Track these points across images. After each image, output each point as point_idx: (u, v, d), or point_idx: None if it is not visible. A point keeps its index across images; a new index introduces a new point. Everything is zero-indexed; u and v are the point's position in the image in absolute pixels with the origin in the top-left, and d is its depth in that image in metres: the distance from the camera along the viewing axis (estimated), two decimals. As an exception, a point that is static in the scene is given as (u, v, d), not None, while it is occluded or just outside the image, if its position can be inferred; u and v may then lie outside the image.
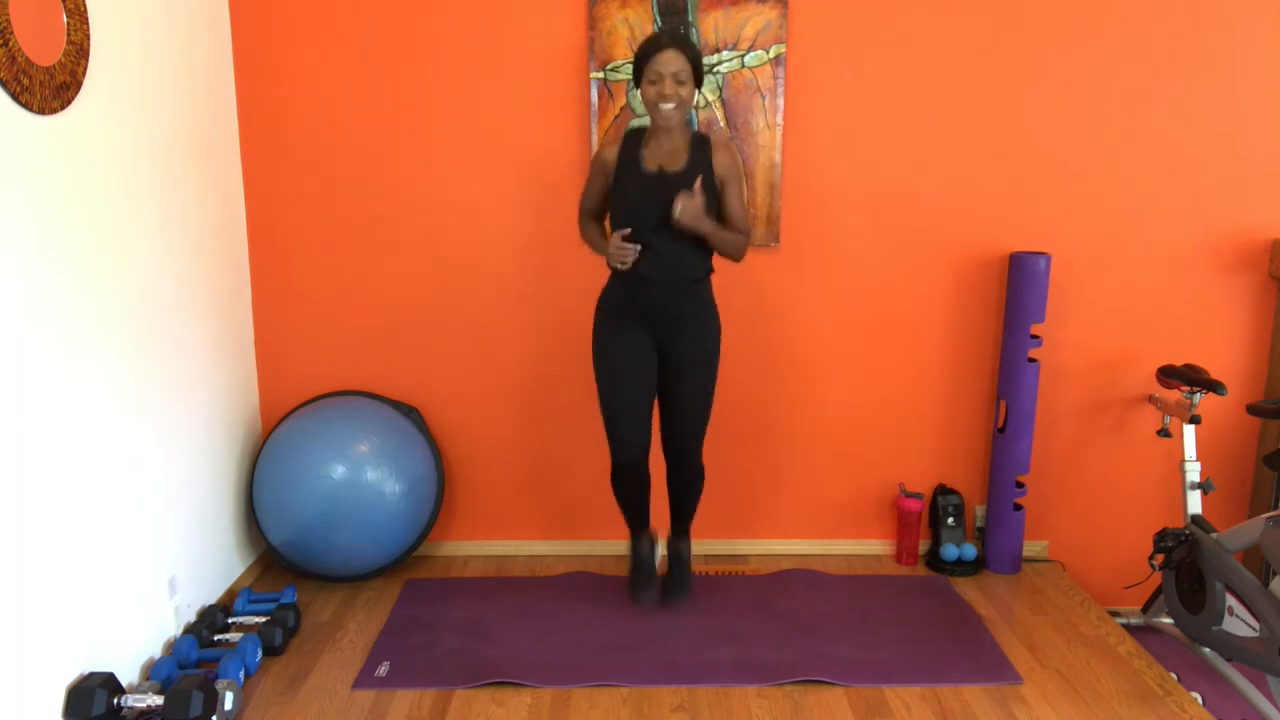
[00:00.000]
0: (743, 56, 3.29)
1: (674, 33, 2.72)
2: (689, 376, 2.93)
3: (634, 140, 2.85)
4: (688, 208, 2.66)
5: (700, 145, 2.82)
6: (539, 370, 3.52)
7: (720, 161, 2.81)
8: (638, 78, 2.74)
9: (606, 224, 2.99)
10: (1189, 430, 3.23)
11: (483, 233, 3.43)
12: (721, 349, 3.34)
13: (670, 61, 2.66)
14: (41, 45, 2.22)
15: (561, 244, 3.41)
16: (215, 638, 2.89)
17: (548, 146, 3.36)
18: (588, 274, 3.37)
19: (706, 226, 2.74)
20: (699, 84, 2.74)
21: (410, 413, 3.45)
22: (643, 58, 2.71)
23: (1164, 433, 3.38)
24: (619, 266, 2.78)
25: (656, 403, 3.02)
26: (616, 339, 2.91)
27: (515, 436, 3.58)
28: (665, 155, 2.79)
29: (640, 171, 2.78)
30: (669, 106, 2.68)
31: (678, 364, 2.92)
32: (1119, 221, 3.44)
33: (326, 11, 3.28)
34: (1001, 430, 3.46)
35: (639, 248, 2.75)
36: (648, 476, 3.08)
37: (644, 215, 2.75)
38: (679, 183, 2.74)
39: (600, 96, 3.31)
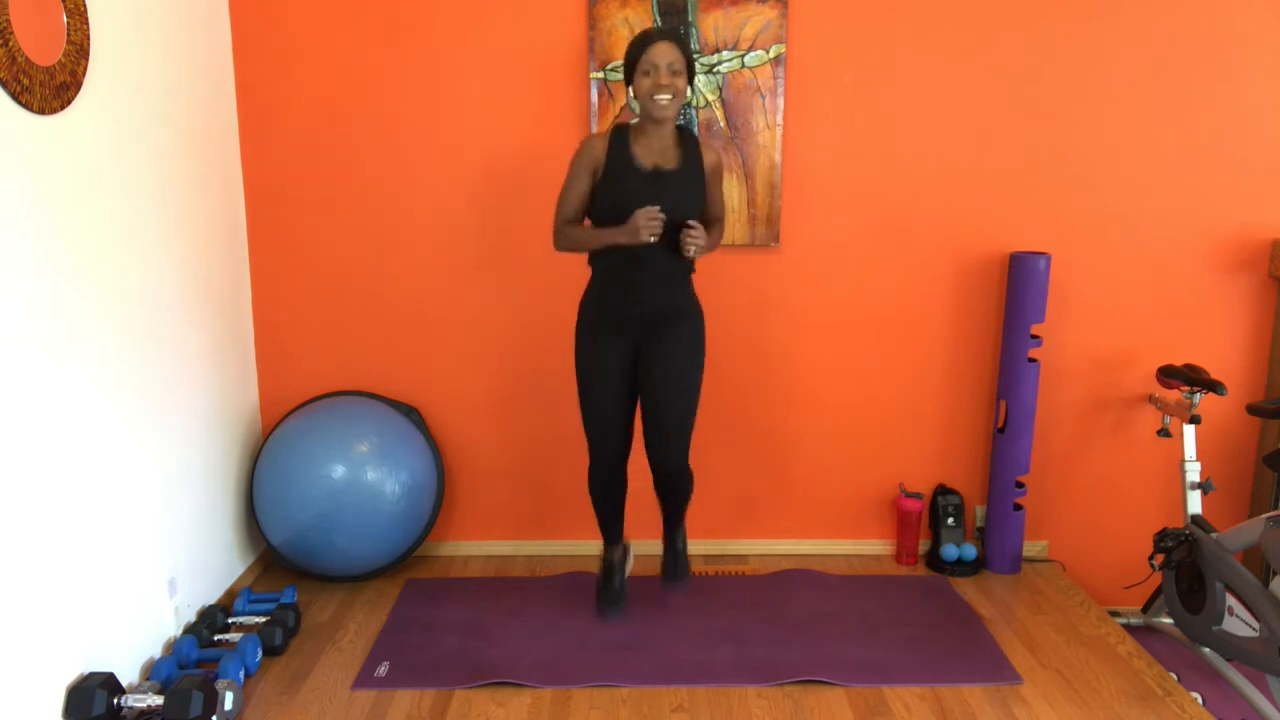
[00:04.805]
0: (743, 56, 3.29)
1: (666, 28, 2.71)
2: (674, 378, 2.85)
3: (622, 136, 2.78)
4: (698, 244, 2.67)
5: (689, 141, 2.81)
6: (539, 370, 3.52)
7: (708, 159, 2.84)
8: (630, 73, 2.70)
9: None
10: (1189, 430, 3.23)
11: (483, 232, 3.43)
12: (721, 350, 3.35)
13: (665, 53, 2.63)
14: (41, 45, 2.22)
15: (561, 244, 3.42)
16: (215, 638, 2.89)
17: (548, 147, 3.36)
18: (588, 274, 3.37)
19: (707, 246, 2.77)
20: (691, 80, 2.71)
21: (410, 413, 3.45)
22: (636, 50, 2.67)
23: (1164, 433, 3.38)
24: (649, 239, 2.65)
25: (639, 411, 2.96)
26: (597, 349, 2.86)
27: (515, 436, 3.58)
28: (658, 152, 2.76)
29: (635, 168, 2.73)
30: (665, 98, 2.64)
31: (662, 366, 2.84)
32: (1119, 221, 3.44)
33: (326, 12, 3.28)
34: (1001, 430, 3.46)
35: (664, 217, 2.67)
36: (625, 479, 3.06)
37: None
38: (674, 181, 2.74)
39: (600, 96, 3.31)
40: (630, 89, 2.72)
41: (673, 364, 2.85)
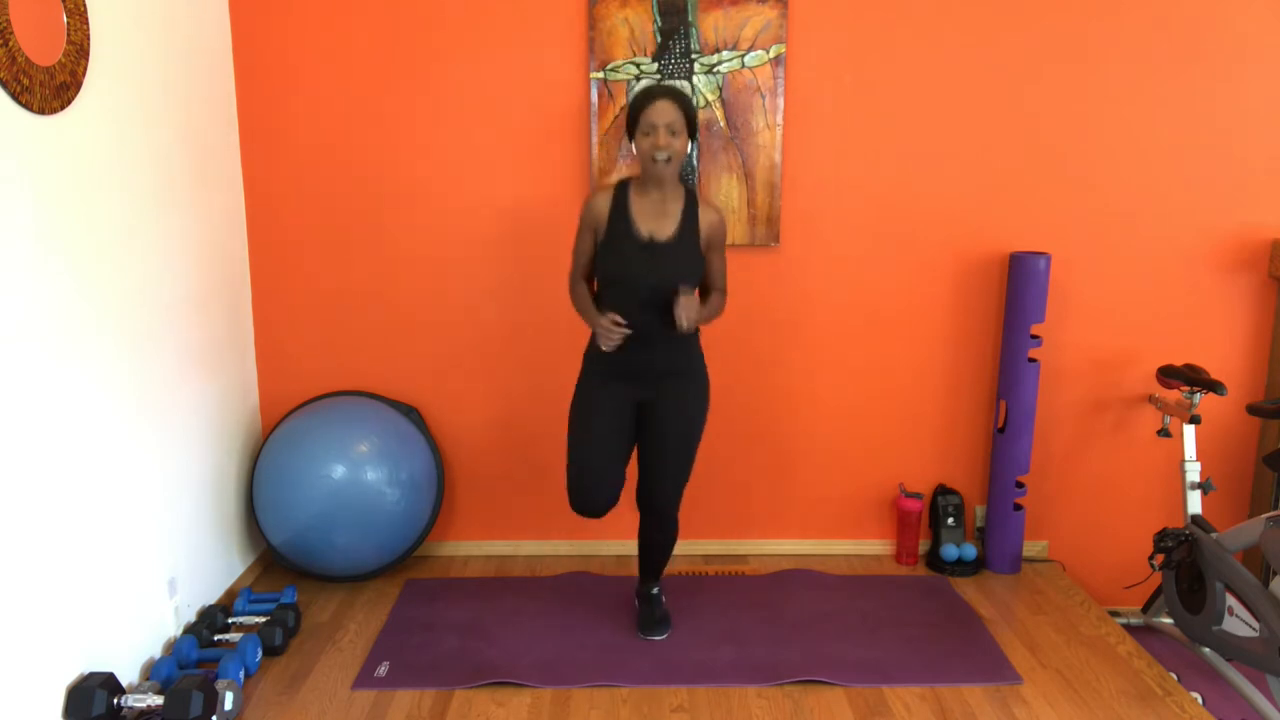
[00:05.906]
0: (743, 56, 3.29)
1: (668, 85, 2.71)
2: (672, 437, 2.85)
3: (624, 193, 2.78)
4: (690, 317, 2.63)
5: (690, 205, 2.77)
6: (539, 370, 3.52)
7: (707, 223, 2.78)
8: (631, 129, 2.71)
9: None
10: (1189, 430, 3.23)
11: (482, 232, 3.43)
12: (722, 350, 3.36)
13: (664, 113, 2.62)
14: (41, 45, 2.22)
15: (560, 245, 3.41)
16: (215, 638, 2.89)
17: (548, 147, 3.36)
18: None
19: (704, 316, 2.77)
20: (693, 135, 2.71)
21: (410, 413, 3.45)
22: (637, 109, 2.67)
23: (1164, 433, 3.38)
24: (606, 348, 2.70)
25: (635, 457, 2.94)
26: (599, 398, 2.83)
27: (515, 436, 3.58)
28: (656, 217, 2.75)
29: (631, 237, 2.73)
30: (663, 158, 2.65)
31: (661, 422, 2.84)
32: (1119, 221, 3.44)
33: (327, 11, 3.28)
34: (1001, 430, 3.46)
35: (629, 332, 2.68)
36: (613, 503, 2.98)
37: (633, 284, 2.72)
38: (669, 252, 2.72)
39: (600, 96, 3.31)
40: (632, 144, 2.73)
41: (675, 425, 2.85)
